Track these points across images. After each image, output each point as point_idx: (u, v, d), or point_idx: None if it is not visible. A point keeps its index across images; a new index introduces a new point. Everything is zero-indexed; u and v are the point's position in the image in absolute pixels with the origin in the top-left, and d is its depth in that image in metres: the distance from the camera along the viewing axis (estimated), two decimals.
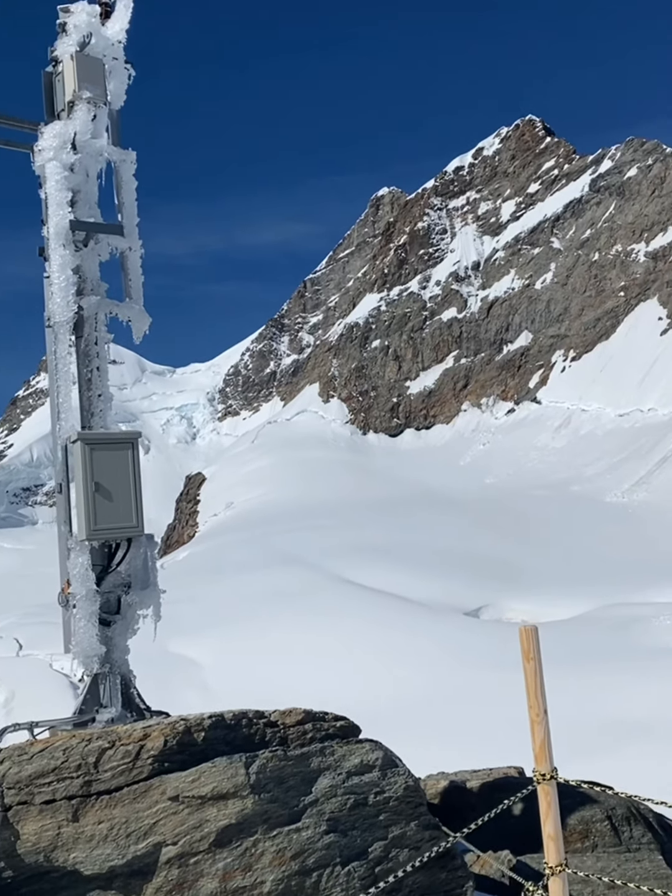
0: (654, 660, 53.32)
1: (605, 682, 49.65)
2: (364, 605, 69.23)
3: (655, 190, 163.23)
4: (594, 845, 8.40)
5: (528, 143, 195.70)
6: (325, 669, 54.27)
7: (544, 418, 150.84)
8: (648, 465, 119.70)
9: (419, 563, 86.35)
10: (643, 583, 74.76)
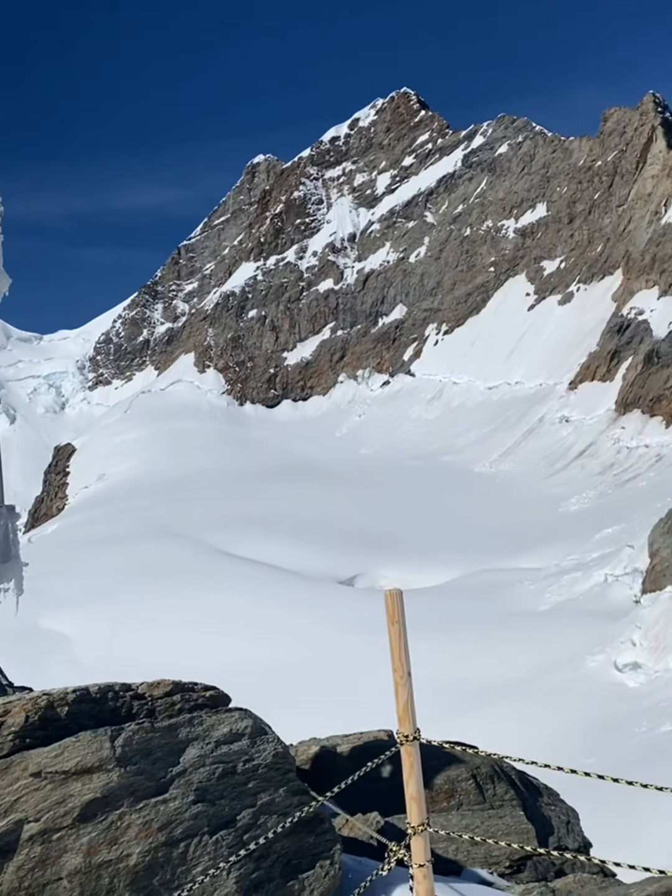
0: (518, 623, 55.48)
1: (473, 645, 51.36)
2: (239, 575, 69.26)
3: (525, 167, 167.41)
4: (460, 803, 8.67)
5: (402, 116, 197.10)
6: (199, 640, 54.08)
7: (418, 390, 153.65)
8: (515, 437, 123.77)
9: (295, 533, 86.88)
10: (509, 550, 77.54)
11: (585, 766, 32.11)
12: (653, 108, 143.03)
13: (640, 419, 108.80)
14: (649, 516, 66.63)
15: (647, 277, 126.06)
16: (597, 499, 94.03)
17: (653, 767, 30.52)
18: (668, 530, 57.64)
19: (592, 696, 42.80)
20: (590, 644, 48.88)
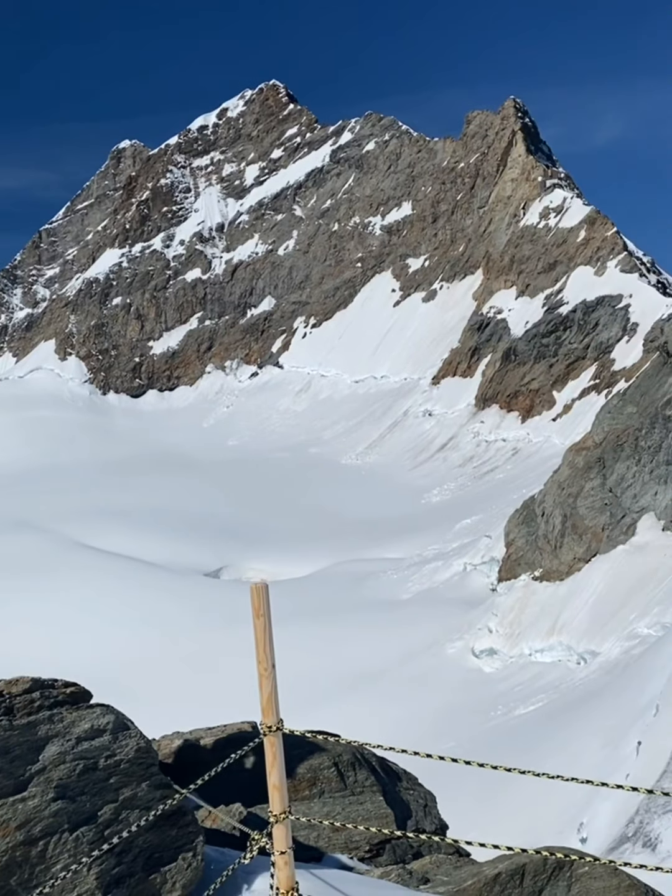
0: (382, 612, 56.50)
1: (338, 634, 52.01)
2: (102, 569, 67.75)
3: (391, 166, 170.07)
4: (322, 791, 8.84)
5: (271, 109, 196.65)
6: (59, 635, 52.62)
7: (286, 382, 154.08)
8: (380, 430, 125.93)
9: (160, 525, 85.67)
10: (374, 540, 78.87)
11: (445, 750, 33.12)
12: (513, 114, 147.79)
13: (498, 414, 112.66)
14: (506, 507, 69.08)
15: (505, 278, 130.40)
16: (457, 490, 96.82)
17: (508, 749, 31.76)
18: (522, 521, 59.93)
19: (452, 681, 44.12)
20: (449, 631, 50.36)
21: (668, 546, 46.16)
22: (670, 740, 22.65)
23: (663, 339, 62.77)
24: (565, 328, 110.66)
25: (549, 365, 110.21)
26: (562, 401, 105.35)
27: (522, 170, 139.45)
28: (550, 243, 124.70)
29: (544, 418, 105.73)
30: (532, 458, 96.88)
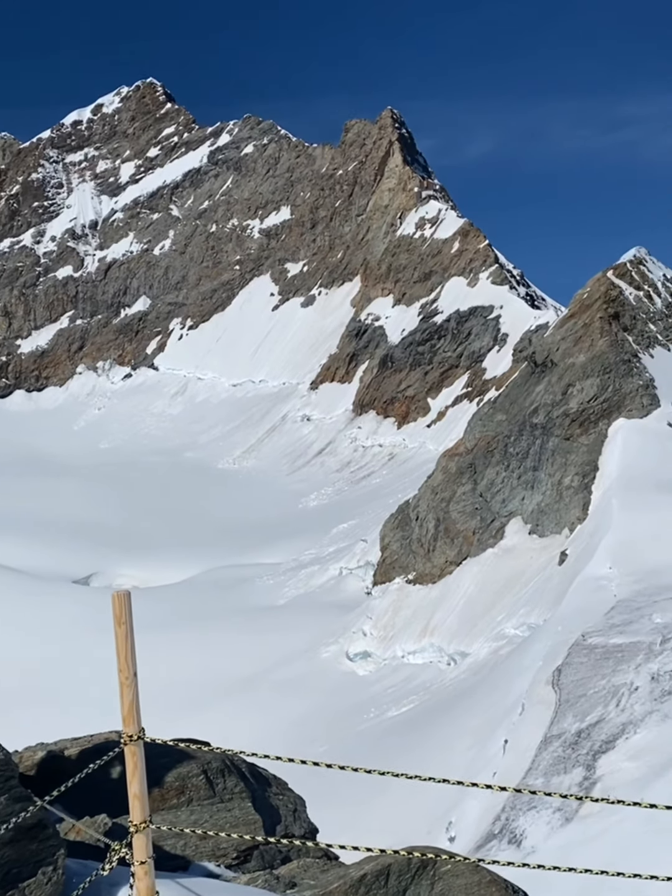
0: (256, 618, 56.30)
1: (211, 641, 51.52)
2: None
3: (270, 169, 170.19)
4: (190, 799, 8.72)
5: (148, 107, 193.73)
6: None
7: (161, 385, 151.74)
8: (258, 434, 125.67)
9: (26, 531, 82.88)
10: (251, 545, 78.59)
11: (318, 753, 33.24)
12: (391, 124, 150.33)
13: (375, 420, 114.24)
14: (382, 512, 70.05)
15: (383, 286, 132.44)
16: (334, 495, 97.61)
17: (380, 751, 32.17)
18: (397, 525, 60.94)
19: (325, 685, 44.38)
20: (324, 635, 50.65)
21: (535, 549, 47.77)
22: (535, 738, 23.42)
23: (531, 350, 65.03)
24: (440, 337, 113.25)
25: (425, 372, 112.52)
26: (436, 407, 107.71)
27: (399, 180, 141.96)
28: (426, 253, 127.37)
29: (419, 424, 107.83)
30: (407, 463, 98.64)
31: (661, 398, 52.04)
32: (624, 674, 24.15)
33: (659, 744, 19.92)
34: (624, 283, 63.20)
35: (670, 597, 29.02)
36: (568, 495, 49.39)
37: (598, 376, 54.13)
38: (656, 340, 58.91)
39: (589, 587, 32.29)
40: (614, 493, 42.87)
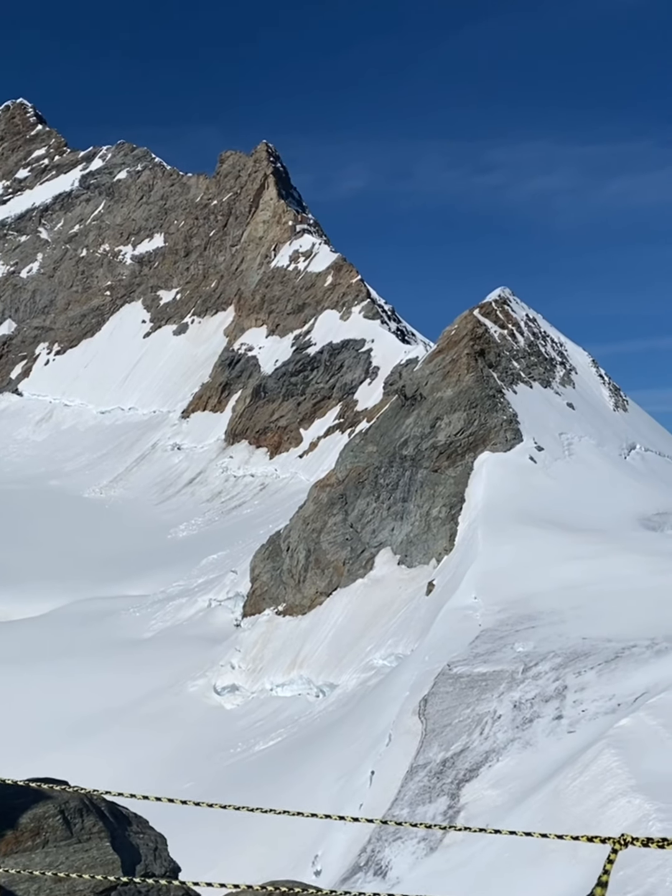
0: (121, 652, 54.82)
1: (73, 675, 49.78)
2: None
3: (143, 196, 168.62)
4: (46, 841, 8.34)
5: (18, 127, 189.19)
6: None
7: (25, 411, 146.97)
8: (127, 463, 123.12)
9: None
10: (118, 577, 76.61)
11: (183, 790, 32.47)
12: (266, 157, 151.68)
13: (247, 449, 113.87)
14: (253, 542, 69.65)
15: (256, 316, 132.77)
16: (204, 525, 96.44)
17: (247, 786, 31.71)
18: (268, 556, 60.69)
19: (193, 720, 43.52)
20: (192, 669, 49.75)
21: (403, 579, 48.44)
22: (402, 768, 23.59)
23: (401, 383, 66.39)
24: (313, 368, 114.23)
25: (297, 403, 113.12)
26: (308, 438, 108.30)
27: (274, 213, 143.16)
28: (299, 286, 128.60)
29: (292, 455, 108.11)
30: (279, 493, 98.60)
31: (523, 433, 53.96)
32: (488, 702, 24.66)
33: (520, 771, 20.39)
34: (489, 322, 65.46)
35: (532, 626, 29.90)
36: (435, 526, 50.41)
37: (464, 410, 55.71)
38: (519, 377, 61.16)
39: (455, 617, 32.93)
40: (479, 524, 44.02)
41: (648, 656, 24.32)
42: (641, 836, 3.41)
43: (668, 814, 14.76)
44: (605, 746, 17.83)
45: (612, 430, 61.95)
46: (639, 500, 49.18)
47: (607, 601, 31.01)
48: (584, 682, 23.79)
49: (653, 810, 14.99)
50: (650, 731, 17.96)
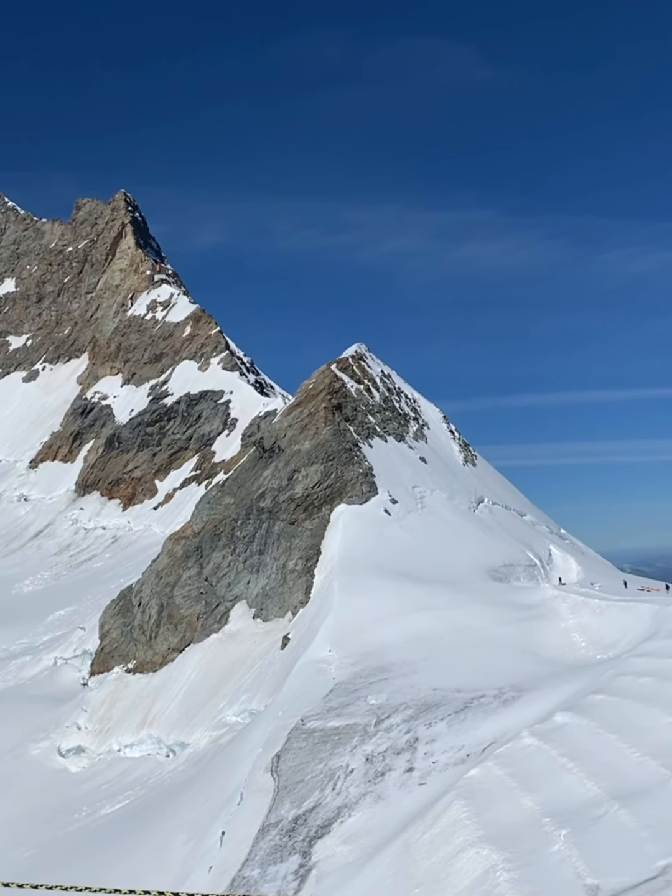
0: None
1: None
2: None
3: None
4: None
5: None
6: None
7: None
8: None
9: None
10: None
11: (23, 858, 30.70)
12: (124, 206, 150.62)
13: (99, 501, 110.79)
14: (102, 598, 67.48)
15: (111, 365, 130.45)
16: (52, 580, 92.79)
17: (90, 852, 30.26)
18: (118, 611, 58.89)
19: (35, 785, 41.39)
20: (35, 731, 47.43)
21: (258, 633, 47.94)
22: (253, 827, 23.09)
23: (259, 436, 66.48)
24: (169, 419, 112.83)
25: (153, 454, 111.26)
26: (164, 490, 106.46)
27: (131, 261, 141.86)
28: (157, 335, 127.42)
29: (146, 506, 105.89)
30: (132, 546, 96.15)
31: (378, 486, 54.87)
32: (340, 756, 24.55)
33: (372, 826, 20.32)
34: (346, 377, 66.63)
35: (385, 677, 30.10)
36: (292, 579, 50.28)
37: (321, 463, 56.21)
38: (375, 431, 62.37)
39: (309, 671, 32.76)
40: (335, 576, 44.20)
41: (496, 706, 24.86)
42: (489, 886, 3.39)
43: (515, 863, 14.99)
44: (455, 798, 18.01)
45: (461, 483, 63.83)
46: (487, 552, 50.67)
47: (457, 652, 31.62)
48: (435, 733, 24.06)
49: (500, 860, 15.18)
50: (498, 780, 18.29)
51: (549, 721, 20.79)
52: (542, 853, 15.08)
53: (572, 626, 34.43)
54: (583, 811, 16.15)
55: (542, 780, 17.75)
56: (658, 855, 13.93)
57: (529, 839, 15.66)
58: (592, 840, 15.05)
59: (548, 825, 15.88)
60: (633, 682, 22.09)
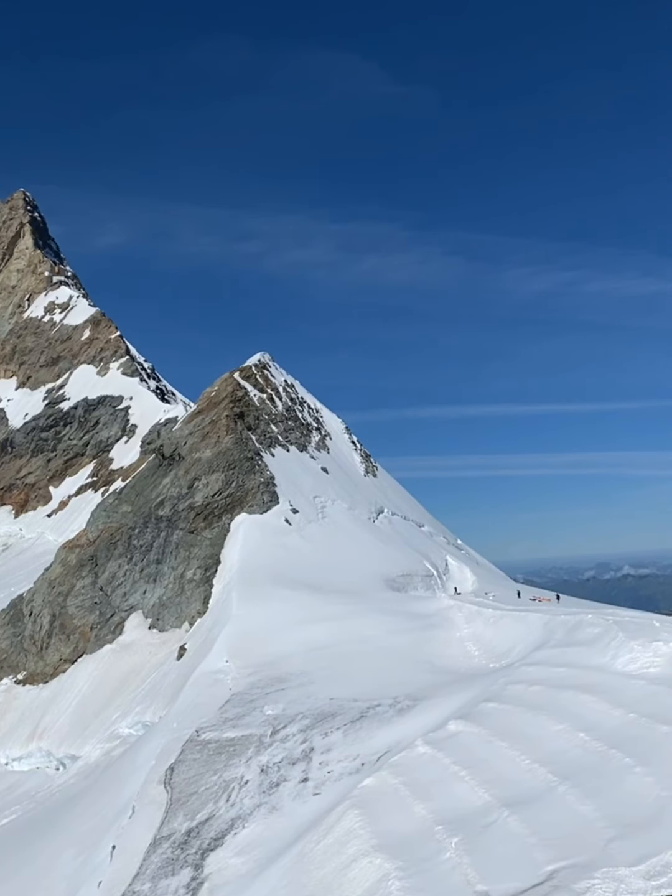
0: None
1: None
2: None
3: None
4: None
5: None
6: None
7: None
8: None
9: None
10: None
11: None
12: (23, 205, 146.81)
13: None
14: None
15: (6, 367, 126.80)
16: None
17: None
18: (8, 621, 57.14)
19: None
20: None
21: (153, 644, 47.22)
22: (145, 841, 22.69)
23: (159, 443, 65.59)
24: (66, 424, 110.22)
25: (48, 459, 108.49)
26: (58, 496, 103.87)
27: (29, 262, 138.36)
28: (55, 338, 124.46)
29: (39, 514, 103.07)
30: (24, 554, 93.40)
31: (279, 495, 54.82)
32: (235, 768, 24.37)
33: (266, 837, 20.22)
34: (249, 385, 66.43)
35: (282, 688, 30.04)
36: (190, 588, 49.72)
37: (223, 472, 55.83)
38: (277, 441, 62.35)
39: (206, 681, 32.44)
40: (234, 586, 43.92)
41: (391, 715, 25.10)
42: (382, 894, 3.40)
43: (408, 872, 15.14)
44: (349, 808, 18.09)
45: (362, 494, 64.35)
46: (385, 562, 51.18)
47: (354, 661, 31.81)
48: (331, 743, 24.12)
49: (393, 869, 15.31)
50: (391, 789, 18.45)
51: (442, 729, 21.11)
52: (434, 861, 15.28)
53: (467, 635, 35.06)
54: (474, 818, 16.43)
55: (434, 789, 17.99)
56: (545, 860, 14.27)
57: (422, 847, 15.84)
58: (483, 847, 15.33)
59: (440, 833, 16.09)
60: (525, 691, 22.63)
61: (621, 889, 13.12)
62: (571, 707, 20.54)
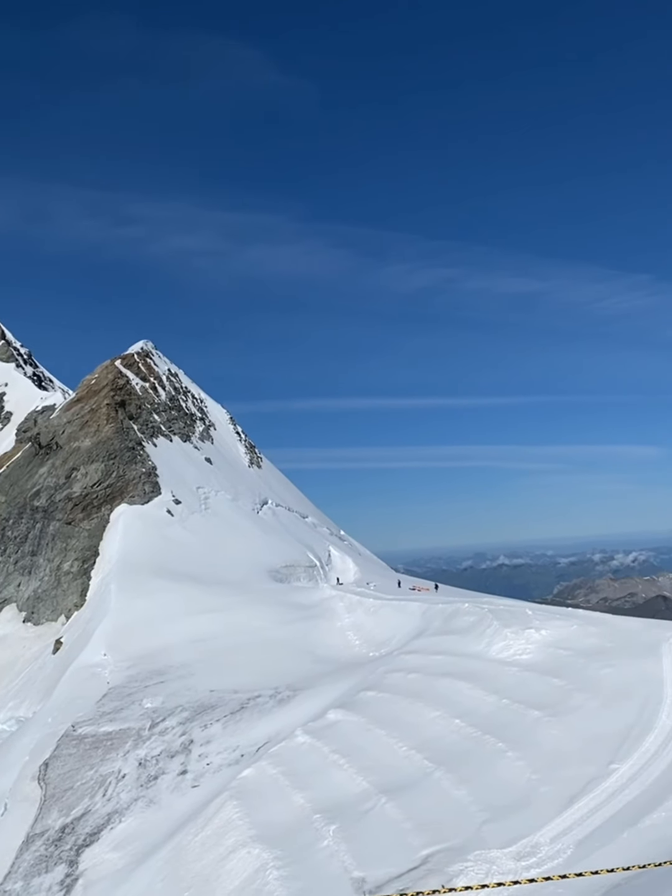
0: None
1: None
2: None
3: None
4: None
5: None
6: None
7: None
8: None
9: None
10: None
11: None
12: None
13: None
14: None
15: None
16: None
17: None
18: None
19: None
20: None
21: (28, 637, 45.92)
22: (17, 839, 22.10)
23: (36, 431, 63.62)
24: None
25: None
26: None
27: None
28: None
29: None
30: None
31: (161, 486, 54.04)
32: (112, 762, 23.97)
33: (143, 831, 19.99)
34: (131, 373, 65.16)
35: (161, 681, 29.68)
36: (66, 581, 48.52)
37: (102, 462, 54.63)
38: (160, 430, 61.40)
39: (82, 675, 31.75)
40: (113, 578, 43.08)
41: (272, 706, 25.16)
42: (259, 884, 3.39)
43: (285, 861, 15.23)
44: (227, 799, 18.06)
45: (246, 485, 64.08)
46: (269, 553, 51.17)
47: (236, 653, 31.71)
48: (210, 734, 24.01)
49: (271, 859, 15.37)
50: (271, 779, 18.51)
51: (322, 719, 21.29)
52: (312, 849, 15.41)
53: (348, 624, 35.43)
54: (352, 806, 16.65)
55: (313, 778, 18.15)
56: (421, 845, 14.60)
57: (300, 836, 15.96)
58: (360, 834, 15.55)
59: (318, 821, 16.25)
60: (403, 679, 23.05)
61: (493, 870, 13.55)
62: (448, 694, 21.04)
